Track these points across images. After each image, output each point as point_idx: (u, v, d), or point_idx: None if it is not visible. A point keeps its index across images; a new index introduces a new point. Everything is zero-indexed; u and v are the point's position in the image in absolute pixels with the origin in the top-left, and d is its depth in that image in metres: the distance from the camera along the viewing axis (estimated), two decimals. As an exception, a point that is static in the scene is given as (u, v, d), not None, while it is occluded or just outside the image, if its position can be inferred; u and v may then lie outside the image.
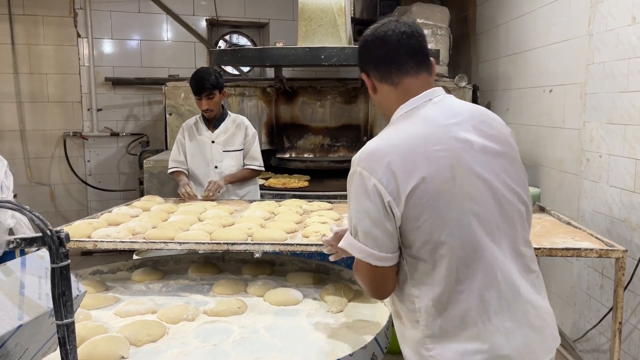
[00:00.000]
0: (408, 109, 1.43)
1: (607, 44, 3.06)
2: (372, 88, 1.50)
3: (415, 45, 1.44)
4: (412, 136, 1.36)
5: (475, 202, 1.34)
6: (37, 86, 5.65)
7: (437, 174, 1.31)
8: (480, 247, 1.34)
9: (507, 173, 1.41)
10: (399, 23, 1.45)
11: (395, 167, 1.31)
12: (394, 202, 1.31)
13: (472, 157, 1.36)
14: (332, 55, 3.81)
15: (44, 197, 5.77)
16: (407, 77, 1.44)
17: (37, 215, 1.02)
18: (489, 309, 1.34)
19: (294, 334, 1.78)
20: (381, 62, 1.45)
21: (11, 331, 1.04)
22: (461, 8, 5.73)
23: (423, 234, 1.32)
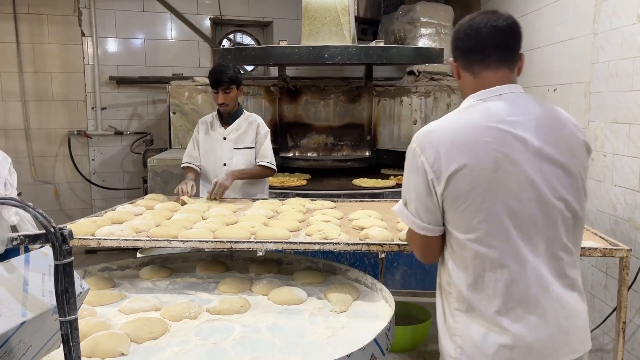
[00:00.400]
0: (476, 99, 1.50)
1: (611, 42, 3.04)
2: (456, 74, 1.58)
3: (503, 40, 1.48)
4: (468, 124, 1.44)
5: (513, 198, 1.39)
6: (42, 85, 5.67)
7: (479, 163, 1.38)
8: (511, 242, 1.40)
9: (559, 180, 1.43)
10: (495, 16, 1.49)
11: (442, 149, 1.41)
12: (436, 181, 1.42)
13: (523, 155, 1.40)
14: (336, 54, 3.81)
15: (48, 196, 5.79)
16: (487, 70, 1.50)
17: (41, 213, 1.03)
18: (514, 300, 1.41)
19: (295, 333, 1.77)
20: (467, 52, 1.52)
21: (14, 328, 1.04)
22: (465, 7, 5.71)
23: (459, 216, 1.42)
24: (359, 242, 2.11)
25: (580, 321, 1.47)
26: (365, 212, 2.60)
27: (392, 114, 5.15)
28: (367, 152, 5.09)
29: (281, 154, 4.98)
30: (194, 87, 4.97)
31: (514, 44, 1.51)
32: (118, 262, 2.51)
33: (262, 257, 2.52)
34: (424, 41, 5.28)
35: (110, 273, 2.44)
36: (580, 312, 1.48)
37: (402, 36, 5.52)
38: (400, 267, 3.91)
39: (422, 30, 5.30)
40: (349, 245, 2.09)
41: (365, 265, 3.65)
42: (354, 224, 2.44)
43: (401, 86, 5.17)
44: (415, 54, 4.28)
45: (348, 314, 1.92)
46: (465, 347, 1.45)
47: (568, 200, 1.44)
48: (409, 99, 5.15)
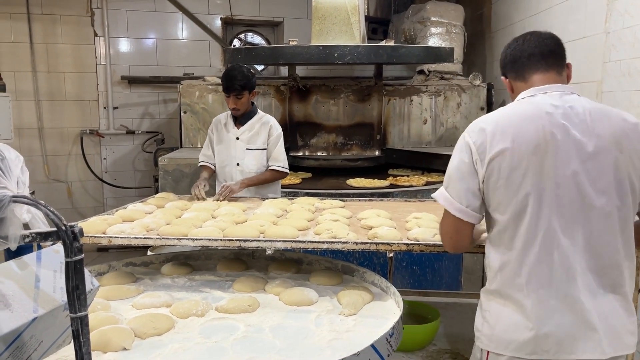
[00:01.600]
0: (526, 95, 1.60)
1: (624, 41, 3.02)
2: (509, 88, 1.70)
3: (548, 47, 1.61)
4: (513, 113, 1.55)
5: (551, 183, 1.46)
6: (55, 84, 5.73)
7: (519, 147, 1.48)
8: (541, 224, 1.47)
9: (601, 174, 1.47)
10: (539, 32, 1.66)
11: (489, 132, 1.52)
12: (480, 161, 1.52)
13: (564, 145, 1.47)
14: (346, 54, 3.81)
15: (61, 194, 5.86)
16: (537, 73, 1.61)
17: (52, 210, 1.04)
18: (538, 281, 1.48)
19: (297, 335, 1.76)
20: (516, 61, 1.64)
21: (26, 323, 1.07)
22: (476, 6, 5.69)
23: (497, 197, 1.52)
24: (367, 242, 2.11)
25: (614, 323, 1.48)
26: (374, 211, 2.60)
27: (402, 114, 5.14)
28: (377, 152, 5.09)
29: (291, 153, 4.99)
30: (205, 87, 5.00)
31: (559, 51, 1.63)
32: (142, 257, 2.55)
33: (283, 257, 2.53)
34: (434, 40, 5.27)
35: (134, 268, 2.49)
36: (616, 315, 1.49)
37: (412, 35, 5.51)
38: (410, 266, 3.91)
39: (433, 30, 5.28)
40: (357, 244, 2.10)
41: (374, 265, 3.65)
42: (362, 224, 2.45)
43: (411, 85, 5.16)
44: (426, 53, 4.28)
45: (356, 317, 1.90)
46: (490, 321, 1.56)
47: (610, 195, 1.48)
48: (419, 99, 5.14)
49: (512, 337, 1.51)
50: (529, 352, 1.48)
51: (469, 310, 2.91)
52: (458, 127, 5.17)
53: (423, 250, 2.07)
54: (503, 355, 1.53)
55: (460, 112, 5.16)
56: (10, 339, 1.03)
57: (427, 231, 2.15)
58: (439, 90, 5.14)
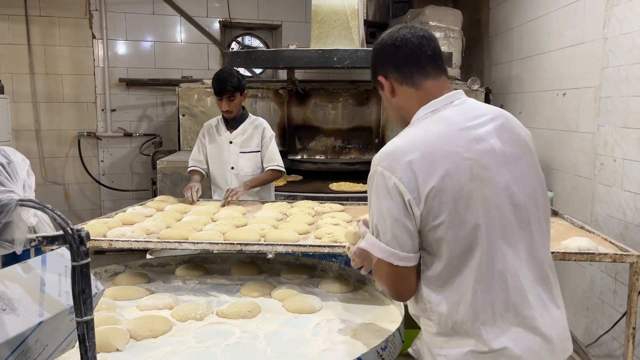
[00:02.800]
0: (429, 110, 1.44)
1: (622, 47, 3.04)
2: (390, 91, 1.50)
3: (434, 49, 1.47)
4: (433, 136, 1.37)
5: (491, 205, 1.35)
6: (53, 86, 5.72)
7: (456, 175, 1.32)
8: (494, 251, 1.35)
9: (526, 177, 1.41)
10: (415, 28, 1.48)
11: (416, 166, 1.32)
12: (414, 201, 1.32)
13: (491, 160, 1.37)
14: (345, 58, 3.82)
15: (58, 196, 5.83)
16: (429, 79, 1.46)
17: (59, 214, 1.04)
18: (496, 312, 1.35)
19: (291, 343, 1.74)
20: (402, 65, 1.46)
21: (32, 327, 1.06)
22: (474, 11, 5.71)
23: (439, 233, 1.34)
24: (368, 246, 2.11)
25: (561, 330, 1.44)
26: (374, 215, 2.60)
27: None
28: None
29: (289, 156, 4.99)
30: (203, 90, 5.00)
31: (441, 52, 1.50)
32: (158, 258, 2.58)
33: (298, 262, 2.52)
34: (432, 45, 5.27)
35: (150, 269, 2.52)
36: (562, 321, 1.45)
37: (410, 40, 5.51)
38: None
39: (431, 34, 5.29)
40: (358, 248, 2.10)
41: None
42: (363, 228, 2.45)
43: (410, 90, 5.16)
44: (424, 57, 4.28)
45: (356, 328, 1.86)
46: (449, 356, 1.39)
47: (538, 200, 1.43)
48: (417, 103, 5.14)
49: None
50: None
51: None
52: (456, 131, 5.17)
53: (424, 254, 2.08)
54: None
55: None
56: (16, 343, 1.03)
57: (427, 235, 2.15)
58: (437, 94, 5.14)
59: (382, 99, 1.57)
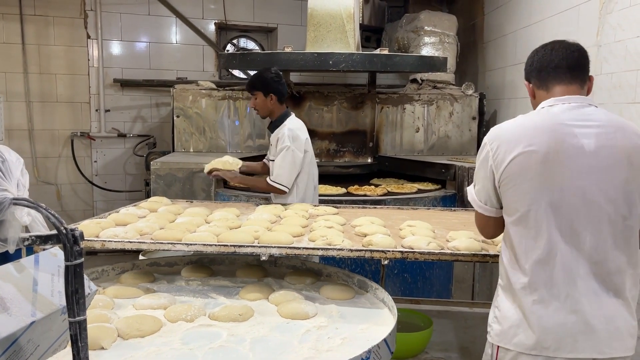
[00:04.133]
0: (545, 105, 1.66)
1: (615, 55, 3.06)
2: (531, 94, 1.76)
3: (574, 60, 1.66)
4: (529, 123, 1.63)
5: (558, 190, 1.55)
6: (47, 86, 5.69)
7: (530, 154, 1.56)
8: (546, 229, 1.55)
9: (611, 184, 1.55)
10: (567, 42, 1.69)
11: (504, 141, 1.62)
12: (495, 168, 1.64)
13: (575, 154, 1.54)
14: (340, 61, 3.83)
15: (50, 196, 5.80)
16: (560, 84, 1.66)
17: (53, 214, 1.04)
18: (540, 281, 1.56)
19: (275, 350, 1.72)
20: (542, 70, 1.69)
21: (24, 327, 1.05)
22: (469, 16, 5.75)
23: (507, 200, 1.64)
24: (362, 249, 2.11)
25: (616, 325, 1.55)
26: (368, 218, 2.61)
27: (395, 122, 5.17)
28: (369, 159, 5.11)
29: (284, 159, 4.98)
30: (198, 91, 5.00)
31: (584, 63, 1.68)
32: (166, 258, 2.58)
33: (304, 266, 2.51)
34: (427, 50, 5.31)
35: (158, 268, 2.54)
36: (619, 318, 1.56)
37: (405, 44, 5.54)
38: (401, 274, 3.92)
39: (426, 39, 5.33)
40: (352, 251, 2.10)
41: (366, 272, 3.65)
42: (357, 231, 2.45)
43: (404, 94, 5.19)
44: (419, 62, 4.31)
45: (346, 337, 1.82)
46: (499, 317, 1.66)
47: (617, 204, 1.54)
48: (411, 107, 5.17)
49: (516, 332, 1.60)
50: (530, 348, 1.57)
51: (461, 318, 2.93)
52: (450, 135, 5.20)
53: (417, 258, 2.08)
54: (511, 351, 1.61)
55: (452, 121, 5.20)
56: (8, 343, 1.02)
57: (421, 239, 2.16)
58: (431, 99, 5.17)
59: None
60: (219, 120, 5.03)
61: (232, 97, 5.03)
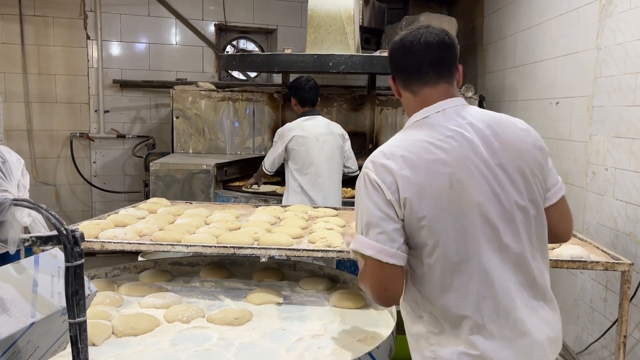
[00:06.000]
0: (419, 118, 1.47)
1: (615, 57, 3.07)
2: (397, 93, 1.56)
3: (437, 55, 1.46)
4: (415, 143, 1.41)
5: (474, 211, 1.37)
6: (46, 87, 5.68)
7: (435, 182, 1.36)
8: (477, 256, 1.37)
9: (513, 186, 1.41)
10: (428, 31, 1.47)
11: (397, 171, 1.37)
12: (396, 203, 1.36)
13: (474, 167, 1.38)
14: (340, 63, 3.83)
15: (48, 197, 5.79)
16: (426, 87, 1.48)
17: (53, 214, 1.03)
18: (484, 316, 1.38)
19: (260, 357, 1.71)
20: (404, 71, 1.50)
21: (24, 329, 1.05)
22: (469, 18, 5.75)
23: (422, 237, 1.37)
24: (362, 251, 2.10)
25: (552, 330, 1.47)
26: (368, 220, 2.60)
27: (394, 123, 5.17)
28: (369, 161, 5.11)
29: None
30: (198, 92, 4.99)
31: (449, 57, 1.49)
32: (189, 258, 2.62)
33: (322, 272, 2.50)
34: (427, 52, 5.30)
35: (180, 268, 2.58)
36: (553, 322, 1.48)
37: (405, 46, 5.54)
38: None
39: (426, 41, 5.32)
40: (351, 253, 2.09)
41: (366, 274, 3.64)
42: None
43: (404, 96, 5.19)
44: (419, 64, 4.30)
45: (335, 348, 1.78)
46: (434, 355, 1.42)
47: (524, 205, 1.42)
48: (411, 109, 5.16)
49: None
50: None
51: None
52: (449, 138, 5.20)
53: (417, 260, 2.07)
54: None
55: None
56: (7, 344, 1.02)
57: (421, 241, 2.15)
58: (431, 101, 5.17)
59: None
60: (219, 122, 5.02)
61: (232, 98, 5.03)
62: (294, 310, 2.10)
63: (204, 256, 2.62)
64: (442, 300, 1.39)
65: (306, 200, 3.49)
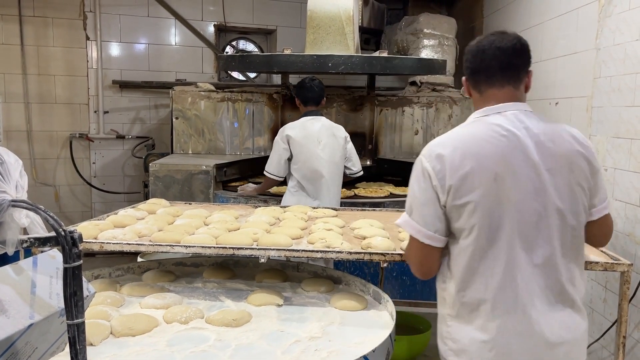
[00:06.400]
0: (479, 115, 1.60)
1: (614, 58, 3.07)
2: (467, 92, 1.70)
3: (507, 60, 1.58)
4: (470, 137, 1.54)
5: (511, 207, 1.48)
6: (45, 87, 5.69)
7: (480, 173, 1.48)
8: (506, 248, 1.48)
9: (557, 193, 1.50)
10: (501, 37, 1.60)
11: (447, 159, 1.50)
12: (440, 187, 1.50)
13: (521, 168, 1.49)
14: (340, 63, 3.83)
15: (48, 198, 5.79)
16: (492, 88, 1.60)
17: (52, 216, 1.03)
18: (501, 305, 1.48)
19: (258, 358, 1.70)
20: (474, 73, 1.64)
21: (22, 330, 1.05)
22: (468, 19, 5.75)
23: (461, 222, 1.50)
24: (361, 252, 2.11)
25: (573, 336, 1.52)
26: (367, 221, 2.61)
27: (394, 124, 5.17)
28: (369, 162, 5.10)
29: (282, 161, 4.97)
30: (197, 93, 4.99)
31: (519, 62, 1.60)
32: (192, 259, 2.61)
33: (325, 273, 2.49)
34: (426, 52, 5.32)
35: (184, 269, 2.58)
36: (575, 328, 1.53)
37: (405, 47, 5.55)
38: (400, 276, 3.91)
39: (425, 42, 5.33)
40: (351, 254, 2.10)
41: (365, 275, 3.65)
42: (355, 233, 2.45)
43: (403, 96, 5.19)
44: (418, 64, 4.31)
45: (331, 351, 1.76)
46: (456, 349, 1.55)
47: (564, 213, 1.51)
48: (410, 109, 5.17)
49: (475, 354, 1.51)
50: None
51: (459, 321, 2.93)
52: (449, 138, 5.20)
53: (417, 260, 2.07)
54: None
55: (451, 123, 5.20)
56: (6, 345, 1.02)
57: (420, 242, 2.15)
58: (430, 101, 5.18)
59: None
60: (218, 122, 5.02)
61: (231, 99, 5.03)
62: (294, 312, 2.09)
63: (208, 257, 2.61)
64: (466, 282, 1.51)
65: (305, 202, 3.48)
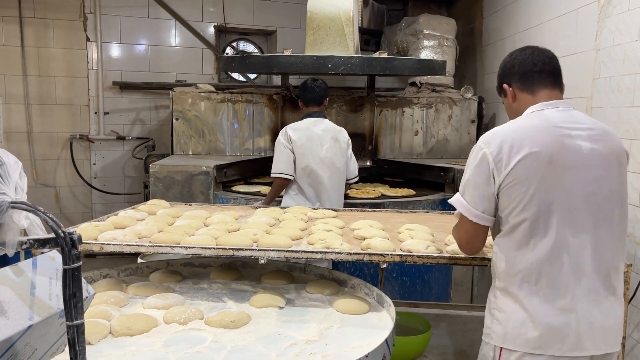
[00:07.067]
0: (535, 110, 1.72)
1: (613, 58, 3.07)
2: (512, 96, 1.82)
3: (553, 66, 1.78)
4: (528, 126, 1.67)
5: (563, 190, 1.59)
6: (45, 88, 5.69)
7: (536, 156, 1.60)
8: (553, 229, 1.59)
9: (607, 184, 1.63)
10: (540, 49, 1.81)
11: (505, 144, 1.63)
12: (496, 170, 1.63)
13: (575, 156, 1.61)
14: (340, 64, 3.83)
15: (48, 199, 5.80)
16: (546, 89, 1.75)
17: (51, 217, 1.04)
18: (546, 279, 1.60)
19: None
20: (526, 74, 1.77)
21: (21, 331, 1.05)
22: (468, 20, 5.76)
23: (512, 202, 1.62)
24: (361, 252, 2.11)
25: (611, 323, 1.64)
26: (367, 222, 2.61)
27: (394, 125, 5.17)
28: (369, 162, 5.10)
29: (282, 162, 4.98)
30: (197, 94, 5.00)
31: (560, 71, 1.80)
32: (201, 259, 2.61)
33: (331, 276, 2.48)
34: (426, 53, 5.32)
35: (192, 269, 2.58)
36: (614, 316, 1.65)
37: (404, 47, 5.55)
38: (400, 277, 3.91)
39: (425, 42, 5.33)
40: (351, 254, 2.10)
41: (365, 275, 3.65)
42: (355, 234, 2.45)
43: (403, 97, 5.20)
44: (419, 65, 4.31)
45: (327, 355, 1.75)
46: (501, 319, 1.67)
47: (614, 205, 1.64)
48: (410, 110, 5.18)
49: (519, 333, 1.62)
50: (535, 348, 1.61)
51: (459, 322, 2.93)
52: (449, 139, 5.21)
53: (416, 261, 2.08)
54: (515, 352, 1.64)
55: (451, 124, 5.20)
56: (5, 346, 1.02)
57: (420, 243, 2.16)
58: (430, 102, 5.18)
59: (504, 105, 1.89)
60: (218, 123, 5.03)
61: (232, 99, 5.03)
62: (295, 314, 2.08)
63: (216, 257, 2.61)
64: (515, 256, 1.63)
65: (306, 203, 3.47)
